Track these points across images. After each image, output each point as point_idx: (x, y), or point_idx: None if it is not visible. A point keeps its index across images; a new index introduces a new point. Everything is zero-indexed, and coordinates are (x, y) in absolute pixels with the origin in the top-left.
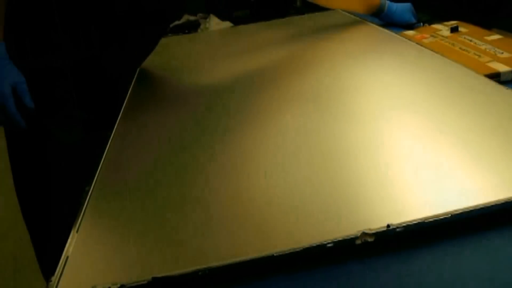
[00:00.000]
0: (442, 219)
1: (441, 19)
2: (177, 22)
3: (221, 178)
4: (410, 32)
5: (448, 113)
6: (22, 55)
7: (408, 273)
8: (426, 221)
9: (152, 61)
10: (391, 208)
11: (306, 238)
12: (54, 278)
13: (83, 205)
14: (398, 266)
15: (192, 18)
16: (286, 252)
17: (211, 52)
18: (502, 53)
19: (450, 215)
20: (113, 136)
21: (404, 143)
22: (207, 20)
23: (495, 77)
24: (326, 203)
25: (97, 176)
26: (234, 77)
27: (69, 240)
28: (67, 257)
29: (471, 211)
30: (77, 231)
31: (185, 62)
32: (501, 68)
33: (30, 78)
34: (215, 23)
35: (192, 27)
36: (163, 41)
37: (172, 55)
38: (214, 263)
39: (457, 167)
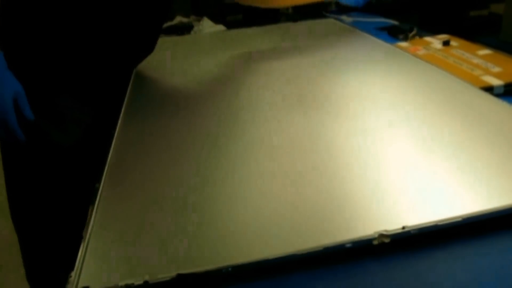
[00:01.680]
0: (454, 222)
1: (426, 31)
2: (169, 23)
3: (237, 177)
4: (403, 44)
5: (451, 122)
6: (20, 62)
7: (422, 272)
8: (439, 223)
9: (148, 62)
10: (406, 210)
11: (325, 239)
12: (74, 274)
13: (95, 200)
14: (413, 266)
15: (185, 20)
16: (308, 251)
17: (206, 55)
18: (494, 67)
19: (461, 218)
20: (116, 136)
21: (410, 151)
22: (201, 22)
23: (488, 90)
24: (343, 205)
25: (107, 171)
26: (228, 80)
27: (85, 236)
28: (85, 253)
29: (481, 215)
30: (92, 226)
31: (181, 63)
32: (494, 82)
33: (29, 84)
34: (208, 26)
35: (185, 29)
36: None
37: (168, 56)
38: (237, 261)
39: (466, 174)
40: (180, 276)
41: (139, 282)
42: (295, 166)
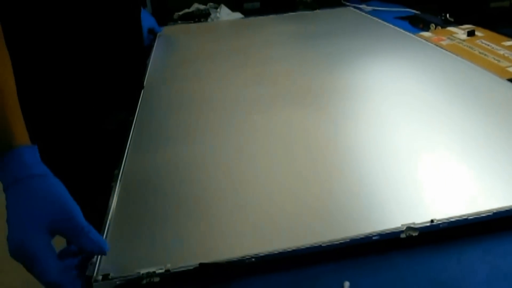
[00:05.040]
0: (484, 216)
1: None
2: (186, 10)
3: (262, 169)
4: (426, 34)
5: (478, 115)
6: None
7: (449, 267)
8: (469, 217)
9: (164, 50)
10: (434, 204)
11: (352, 231)
12: (94, 261)
13: (115, 188)
14: (440, 260)
15: (202, 7)
16: (334, 243)
17: (222, 42)
18: None
19: (492, 212)
20: (134, 126)
21: (438, 143)
22: (218, 10)
23: None
24: (370, 198)
25: (126, 159)
26: (243, 70)
27: (106, 224)
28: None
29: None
30: (112, 214)
31: (196, 51)
32: None
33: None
34: (225, 14)
35: (202, 16)
36: (174, 28)
37: (184, 44)
38: (261, 251)
39: (496, 167)
40: (202, 266)
41: (160, 270)
42: (322, 160)
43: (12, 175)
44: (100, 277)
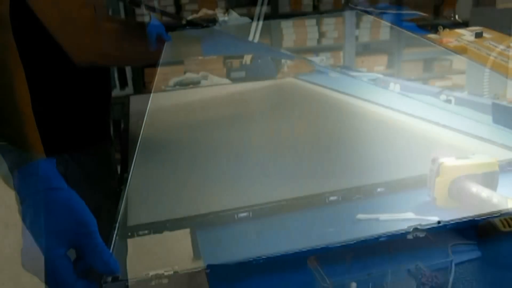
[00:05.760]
0: (491, 217)
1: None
2: (194, 16)
3: (270, 171)
4: (433, 36)
5: (484, 116)
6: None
7: (456, 267)
8: (475, 218)
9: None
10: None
11: (359, 232)
12: None
13: (124, 191)
14: (448, 261)
15: (210, 12)
16: (342, 244)
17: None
18: None
19: (499, 213)
20: (143, 129)
21: (442, 144)
22: (226, 15)
23: None
24: (377, 199)
25: (134, 162)
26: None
27: (115, 227)
28: (114, 245)
29: None
30: (121, 217)
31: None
32: None
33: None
34: (233, 18)
35: (210, 21)
36: (182, 33)
37: (193, 48)
38: (270, 252)
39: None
40: (210, 267)
41: (169, 272)
42: (330, 160)
43: (31, 187)
44: (109, 279)
